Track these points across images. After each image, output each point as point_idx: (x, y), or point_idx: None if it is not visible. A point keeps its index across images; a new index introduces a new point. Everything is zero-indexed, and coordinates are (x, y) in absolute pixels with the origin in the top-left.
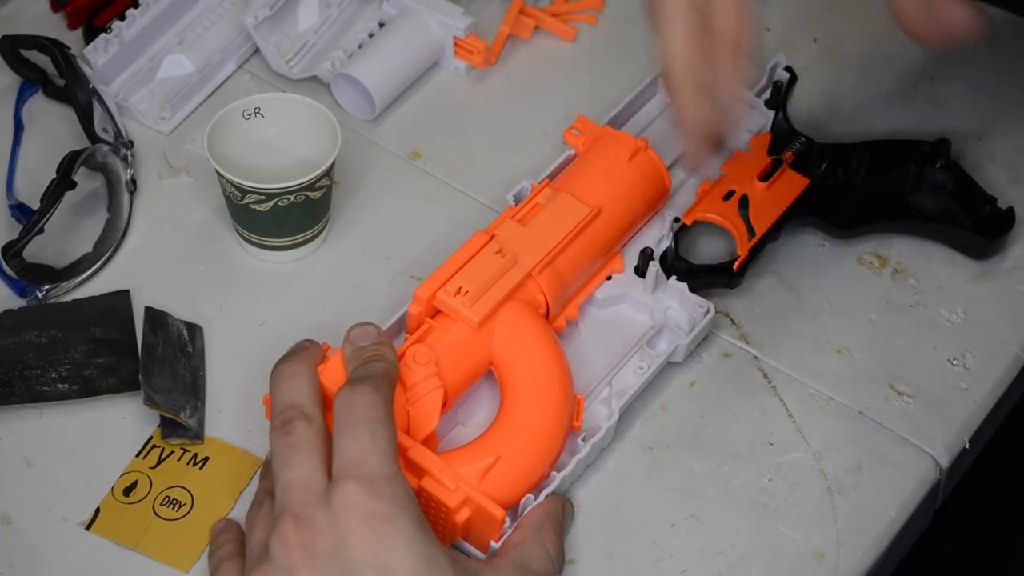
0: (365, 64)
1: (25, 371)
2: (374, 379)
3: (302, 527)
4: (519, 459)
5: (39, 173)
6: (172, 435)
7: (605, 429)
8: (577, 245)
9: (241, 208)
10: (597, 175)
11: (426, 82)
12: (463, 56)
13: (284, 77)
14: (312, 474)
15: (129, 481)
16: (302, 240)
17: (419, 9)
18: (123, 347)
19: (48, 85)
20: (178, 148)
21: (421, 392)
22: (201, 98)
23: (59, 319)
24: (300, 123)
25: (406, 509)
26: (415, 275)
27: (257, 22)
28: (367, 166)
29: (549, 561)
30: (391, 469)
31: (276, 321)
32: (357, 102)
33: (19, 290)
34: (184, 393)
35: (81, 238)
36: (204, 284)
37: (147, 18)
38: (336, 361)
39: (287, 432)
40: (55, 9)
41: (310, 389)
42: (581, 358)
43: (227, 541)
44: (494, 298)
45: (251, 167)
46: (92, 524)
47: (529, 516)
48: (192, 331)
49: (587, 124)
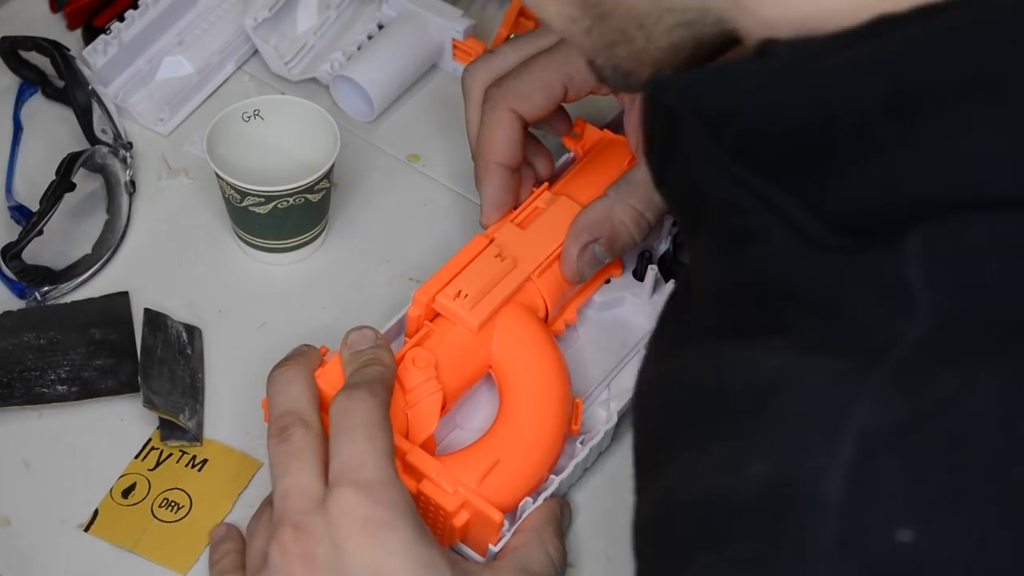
0: (364, 66)
1: (24, 372)
2: (371, 384)
3: (301, 535)
4: (518, 462)
5: (38, 174)
6: (171, 437)
7: (604, 432)
8: (543, 279)
9: (240, 210)
10: (596, 179)
11: (425, 84)
12: (462, 58)
13: (283, 79)
14: (310, 481)
15: (128, 483)
16: (301, 242)
17: (418, 11)
18: (122, 349)
19: (47, 86)
20: (177, 150)
21: (420, 395)
22: (200, 99)
23: (58, 321)
24: (299, 125)
25: (403, 513)
26: (414, 277)
27: (256, 24)
28: (366, 168)
29: (551, 563)
30: (388, 474)
31: (275, 323)
32: (356, 104)
33: (18, 291)
34: (183, 395)
35: (80, 240)
36: (203, 286)
37: (146, 19)
38: (333, 365)
39: (284, 439)
40: (54, 10)
41: (307, 394)
42: (580, 361)
43: (228, 552)
44: (493, 302)
45: (250, 169)
46: (91, 526)
47: (529, 519)
48: (191, 333)
49: (586, 127)
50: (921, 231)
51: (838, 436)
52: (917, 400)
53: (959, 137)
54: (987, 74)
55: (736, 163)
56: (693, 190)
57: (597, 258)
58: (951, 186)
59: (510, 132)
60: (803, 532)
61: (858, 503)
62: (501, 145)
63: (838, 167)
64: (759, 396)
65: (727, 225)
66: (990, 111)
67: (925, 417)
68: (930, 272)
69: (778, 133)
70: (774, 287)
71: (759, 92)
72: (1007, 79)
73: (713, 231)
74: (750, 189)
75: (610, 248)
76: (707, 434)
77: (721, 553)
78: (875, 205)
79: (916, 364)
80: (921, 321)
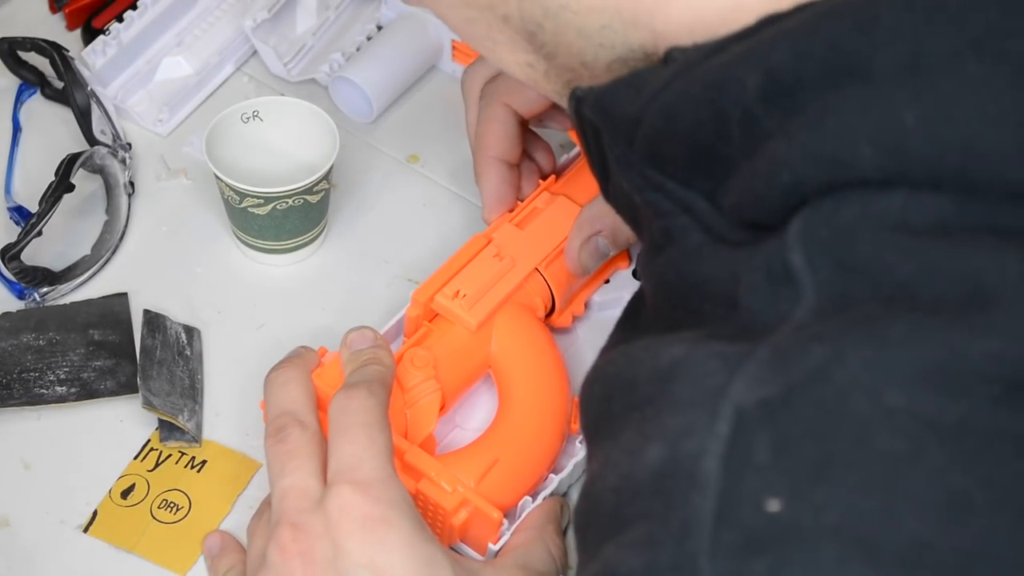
0: (363, 67)
1: (23, 373)
2: (369, 383)
3: (299, 535)
4: (517, 461)
5: (37, 175)
6: (170, 438)
7: None
8: (551, 272)
9: (239, 211)
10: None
11: (424, 85)
12: (461, 59)
13: (282, 79)
14: (307, 481)
15: (127, 484)
16: (300, 243)
17: (417, 12)
18: (121, 350)
19: (46, 87)
20: (176, 150)
21: (419, 395)
22: (199, 100)
23: (57, 321)
24: (298, 127)
25: (402, 511)
26: (413, 278)
27: (255, 24)
28: (365, 169)
29: (552, 561)
30: (386, 472)
31: (274, 324)
32: (355, 105)
33: (17, 292)
34: (182, 396)
35: (79, 240)
36: (202, 287)
37: (145, 20)
38: (332, 365)
39: (281, 439)
40: (54, 10)
41: (304, 395)
42: (579, 361)
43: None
44: (492, 301)
45: (249, 170)
46: (90, 527)
47: (530, 518)
48: (190, 334)
49: None
50: (801, 216)
51: (717, 414)
52: (789, 376)
53: (827, 120)
54: (852, 56)
55: (650, 167)
56: (626, 198)
57: (600, 251)
58: (824, 169)
59: (506, 127)
60: (686, 509)
61: (732, 477)
62: (497, 140)
63: (734, 162)
64: (659, 384)
65: (652, 228)
66: (854, 93)
67: (795, 391)
68: (809, 254)
69: (679, 134)
70: (689, 285)
71: (658, 96)
72: (869, 60)
73: (645, 234)
74: (667, 193)
75: (613, 241)
76: (619, 424)
77: (622, 536)
78: (763, 195)
79: (792, 342)
80: (805, 302)
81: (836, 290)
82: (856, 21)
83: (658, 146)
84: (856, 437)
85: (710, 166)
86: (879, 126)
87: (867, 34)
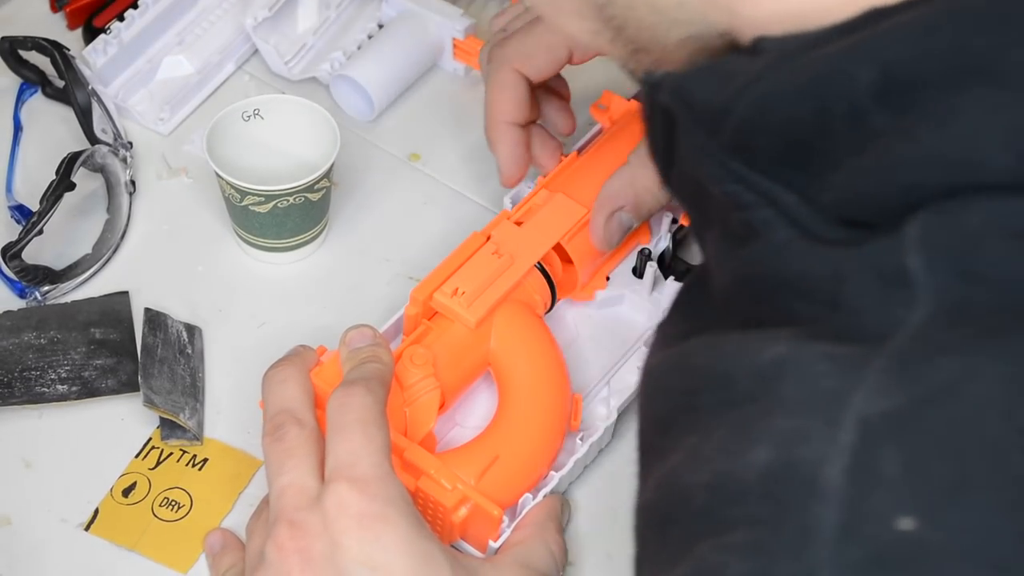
0: (364, 65)
1: (24, 372)
2: (367, 381)
3: (297, 532)
4: (517, 459)
5: (38, 174)
6: (171, 436)
7: (603, 429)
8: (574, 245)
9: (240, 209)
10: (593, 176)
11: (425, 83)
12: (462, 57)
13: (283, 78)
14: (305, 478)
15: (128, 482)
16: (301, 241)
17: (418, 10)
18: (122, 348)
19: (47, 86)
20: (177, 149)
21: (419, 393)
22: (200, 99)
23: (58, 320)
24: (299, 125)
25: (400, 508)
26: (414, 276)
27: (256, 23)
28: (366, 167)
29: (552, 559)
30: (384, 470)
31: (275, 322)
32: (356, 103)
33: (18, 291)
34: (183, 394)
35: (80, 239)
36: (203, 285)
37: (146, 19)
38: (331, 364)
39: (279, 437)
40: (54, 10)
41: (301, 393)
42: (579, 358)
43: (231, 566)
44: (491, 299)
45: (250, 169)
46: (91, 525)
47: (530, 515)
48: (191, 332)
49: (613, 99)
50: (920, 218)
51: (838, 422)
52: (917, 388)
53: (953, 121)
54: (979, 56)
55: (734, 159)
56: (697, 187)
57: (624, 225)
58: (948, 172)
59: (516, 91)
60: (804, 518)
61: (859, 490)
62: (509, 105)
63: (834, 158)
64: (761, 382)
65: (730, 221)
66: (983, 94)
67: (925, 405)
68: (930, 259)
69: (773, 127)
70: (778, 282)
71: (751, 87)
72: (999, 60)
73: (719, 227)
74: (750, 185)
75: (637, 213)
76: (710, 419)
77: (721, 537)
78: (872, 194)
79: (916, 351)
80: (921, 308)
81: (956, 297)
82: (983, 19)
83: (747, 137)
84: (991, 457)
85: (804, 161)
86: (1012, 128)
87: (996, 34)
